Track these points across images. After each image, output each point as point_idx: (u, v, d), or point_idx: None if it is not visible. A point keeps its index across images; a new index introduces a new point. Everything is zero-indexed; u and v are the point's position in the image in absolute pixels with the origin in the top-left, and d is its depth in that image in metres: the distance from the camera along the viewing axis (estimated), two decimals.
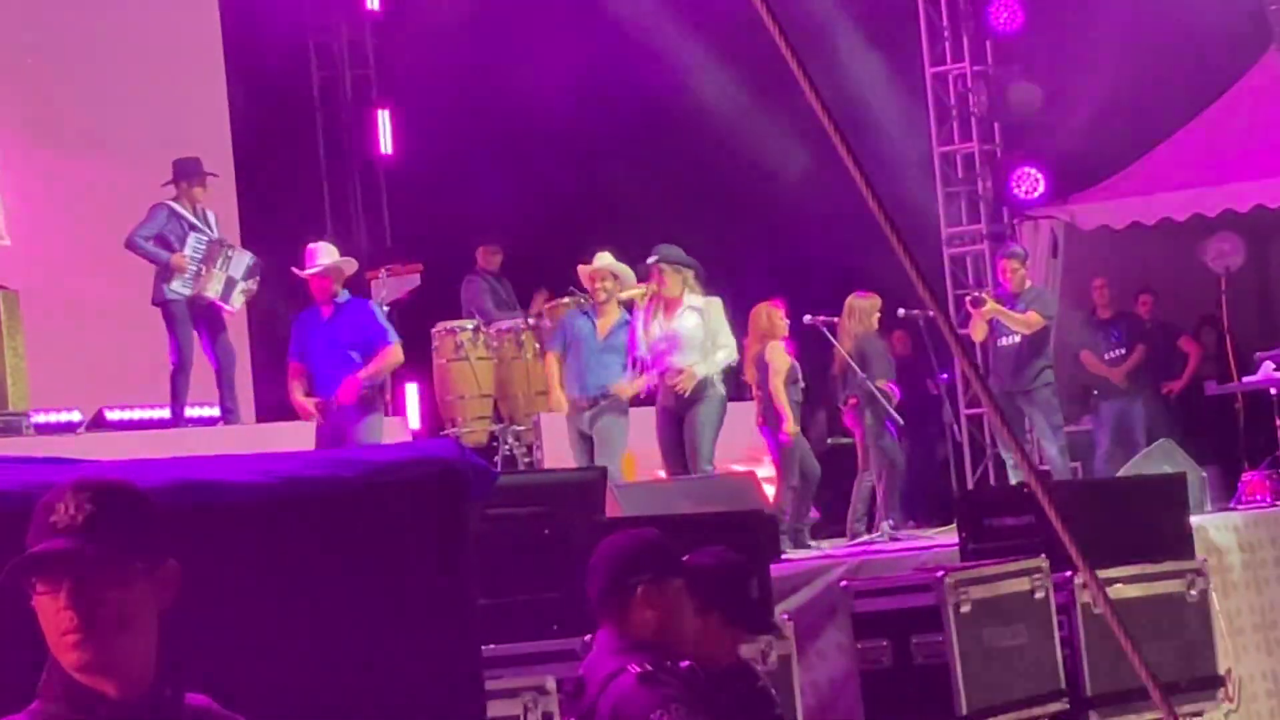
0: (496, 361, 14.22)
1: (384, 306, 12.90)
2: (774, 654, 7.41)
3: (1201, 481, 11.66)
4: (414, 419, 14.80)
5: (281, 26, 16.78)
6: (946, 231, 17.15)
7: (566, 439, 12.28)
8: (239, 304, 12.80)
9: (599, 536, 5.58)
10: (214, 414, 12.87)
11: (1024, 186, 16.60)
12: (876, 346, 13.25)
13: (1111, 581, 8.67)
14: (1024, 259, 14.25)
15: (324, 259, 11.94)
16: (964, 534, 9.43)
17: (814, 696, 8.84)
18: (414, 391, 14.93)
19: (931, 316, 12.96)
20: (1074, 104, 16.38)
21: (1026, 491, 9.34)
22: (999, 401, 12.87)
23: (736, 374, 12.51)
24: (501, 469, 12.59)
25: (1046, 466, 13.86)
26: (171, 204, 12.73)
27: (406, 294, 14.79)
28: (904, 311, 13.54)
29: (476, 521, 5.43)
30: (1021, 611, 8.56)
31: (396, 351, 11.86)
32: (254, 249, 13.24)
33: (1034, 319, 13.67)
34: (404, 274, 14.96)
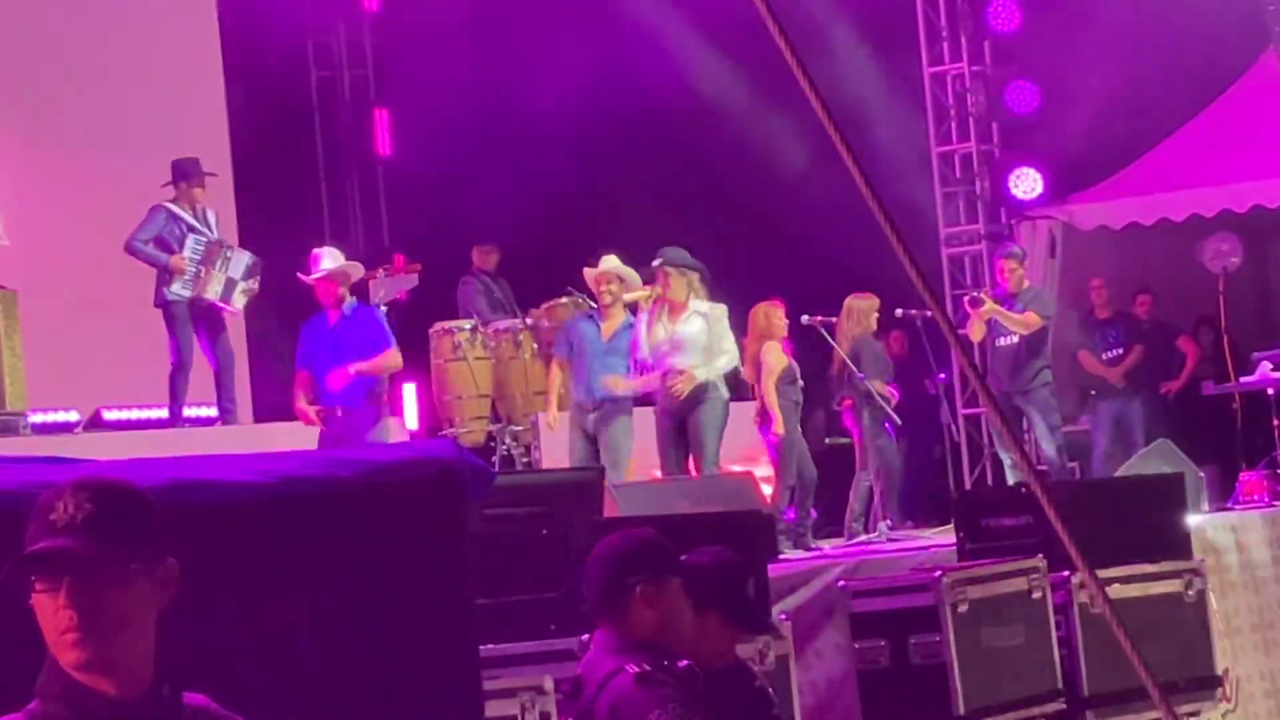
0: (494, 362, 14.21)
1: (382, 307, 12.90)
2: (772, 654, 7.41)
3: (1199, 481, 11.65)
4: (411, 419, 14.79)
5: (280, 26, 16.78)
6: (944, 231, 17.14)
7: (565, 439, 12.27)
8: (240, 304, 12.79)
9: (597, 536, 5.58)
10: (212, 414, 12.87)
11: (1022, 187, 16.59)
12: (872, 348, 13.24)
13: (1109, 581, 8.65)
14: (1022, 259, 14.25)
15: (328, 263, 11.95)
16: (961, 534, 9.42)
17: (812, 696, 8.84)
18: (411, 392, 14.92)
19: (929, 316, 12.96)
20: (1072, 104, 16.37)
21: (1024, 491, 9.35)
22: (998, 401, 12.88)
23: (736, 374, 12.50)
24: (499, 469, 12.59)
25: (1044, 466, 13.87)
26: (170, 205, 12.71)
27: (405, 294, 14.78)
28: (902, 311, 13.53)
29: (474, 521, 5.43)
30: (1019, 611, 8.56)
31: (395, 356, 11.89)
32: (252, 249, 13.21)
33: (1032, 319, 13.67)
34: (403, 274, 14.95)
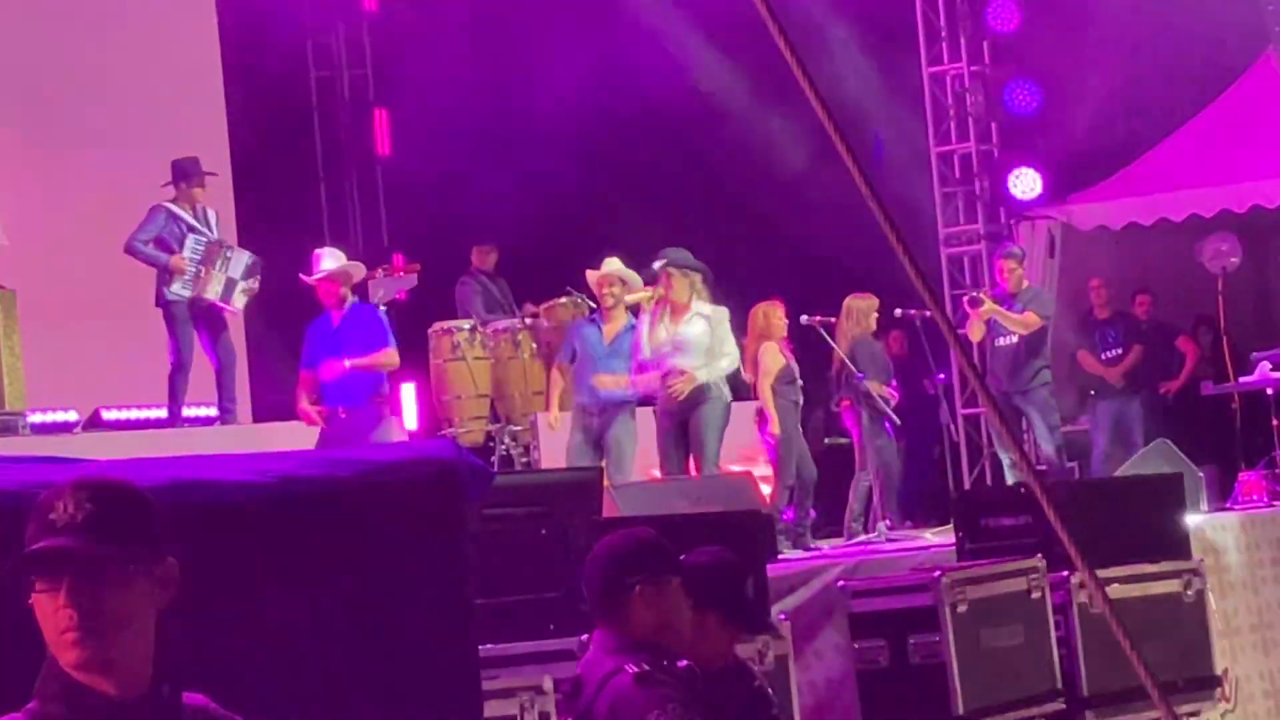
0: (493, 361, 14.20)
1: (381, 307, 12.91)
2: (771, 654, 7.40)
3: (1198, 481, 11.65)
4: (411, 419, 14.79)
5: (279, 26, 16.77)
6: (944, 232, 17.14)
7: (564, 439, 12.25)
8: (241, 304, 12.78)
9: (596, 536, 5.58)
10: (211, 414, 12.87)
11: (1021, 187, 16.59)
12: (870, 349, 13.19)
13: (1108, 581, 8.65)
14: (1021, 259, 14.24)
15: (329, 264, 11.97)
16: (961, 534, 9.42)
17: (811, 696, 8.84)
18: (410, 392, 14.92)
19: (929, 317, 12.95)
20: (1071, 104, 16.38)
21: (1023, 491, 9.34)
22: (997, 402, 12.87)
23: (737, 374, 12.47)
24: (498, 469, 12.60)
25: (1044, 466, 13.87)
26: (169, 205, 12.69)
27: (404, 294, 14.78)
28: (901, 311, 13.52)
29: (473, 521, 5.42)
30: (1018, 611, 8.56)
31: (392, 355, 11.92)
32: (251, 249, 13.20)
33: (1031, 319, 13.67)
34: (401, 275, 14.94)
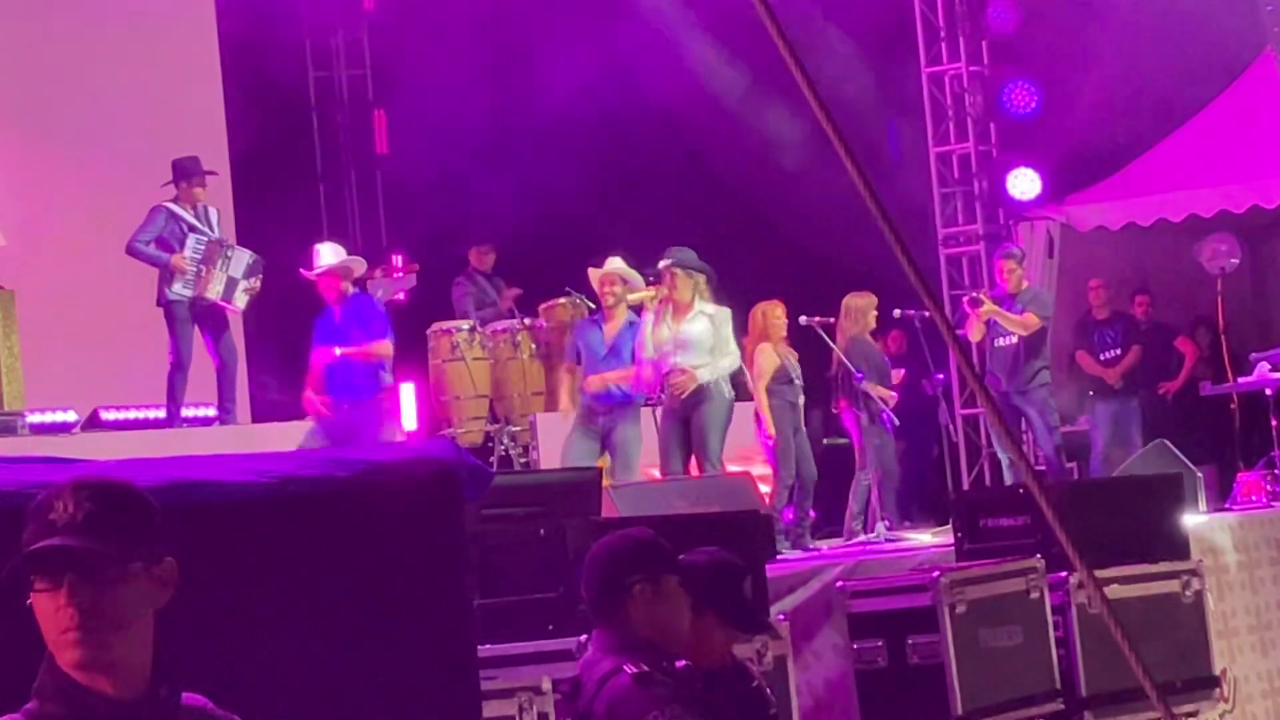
0: (492, 362, 14.19)
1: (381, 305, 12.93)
2: (770, 654, 7.40)
3: (1197, 482, 11.65)
4: (410, 420, 14.78)
5: (278, 27, 16.77)
6: (942, 232, 17.14)
7: (562, 439, 12.23)
8: (243, 303, 12.76)
9: (595, 537, 5.58)
10: (209, 414, 12.87)
11: (1020, 187, 16.59)
12: (865, 349, 13.12)
13: (1107, 582, 8.65)
14: (1021, 260, 14.23)
15: (330, 258, 11.99)
16: (959, 534, 9.43)
17: (810, 697, 8.84)
18: (410, 392, 14.91)
19: (928, 317, 12.94)
20: (1070, 104, 16.37)
21: (1022, 492, 9.35)
22: (995, 402, 12.86)
23: (739, 373, 12.46)
24: (497, 469, 12.59)
25: (1043, 467, 13.87)
26: (170, 205, 12.68)
27: (405, 295, 14.78)
28: (900, 312, 13.51)
29: (472, 521, 5.42)
30: (1017, 612, 8.56)
31: (385, 345, 11.96)
32: (250, 249, 13.21)
33: (1031, 320, 13.66)
34: (401, 275, 14.94)
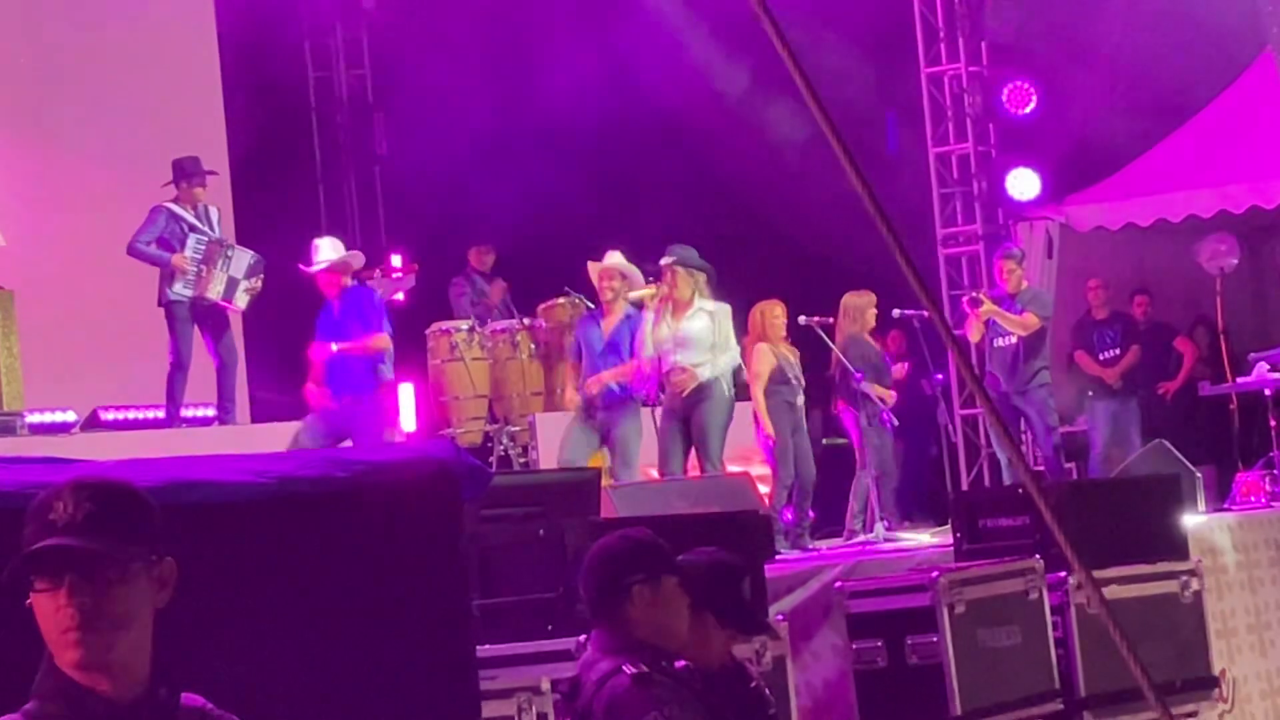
0: (491, 362, 14.19)
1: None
2: (769, 655, 7.40)
3: (1196, 482, 11.65)
4: (409, 420, 14.77)
5: (278, 27, 16.78)
6: (941, 232, 17.14)
7: (561, 438, 12.24)
8: (244, 303, 12.76)
9: (593, 537, 5.58)
10: (209, 414, 12.87)
11: (1019, 187, 16.58)
12: (861, 348, 13.07)
13: (1106, 582, 8.66)
14: (1021, 260, 14.21)
15: (329, 254, 12.00)
16: (958, 535, 9.43)
17: (809, 697, 8.84)
18: (409, 392, 14.90)
19: (927, 317, 12.93)
20: (1069, 105, 16.38)
21: (1021, 492, 9.35)
22: (994, 402, 12.85)
23: (740, 372, 12.45)
24: (496, 469, 12.59)
25: (1042, 467, 13.86)
26: (170, 206, 12.68)
27: (405, 295, 14.77)
28: (899, 312, 13.50)
29: (471, 522, 5.42)
30: (1016, 612, 8.56)
31: (382, 339, 11.94)
32: (250, 249, 13.21)
33: (1031, 320, 13.65)
34: (400, 275, 14.93)
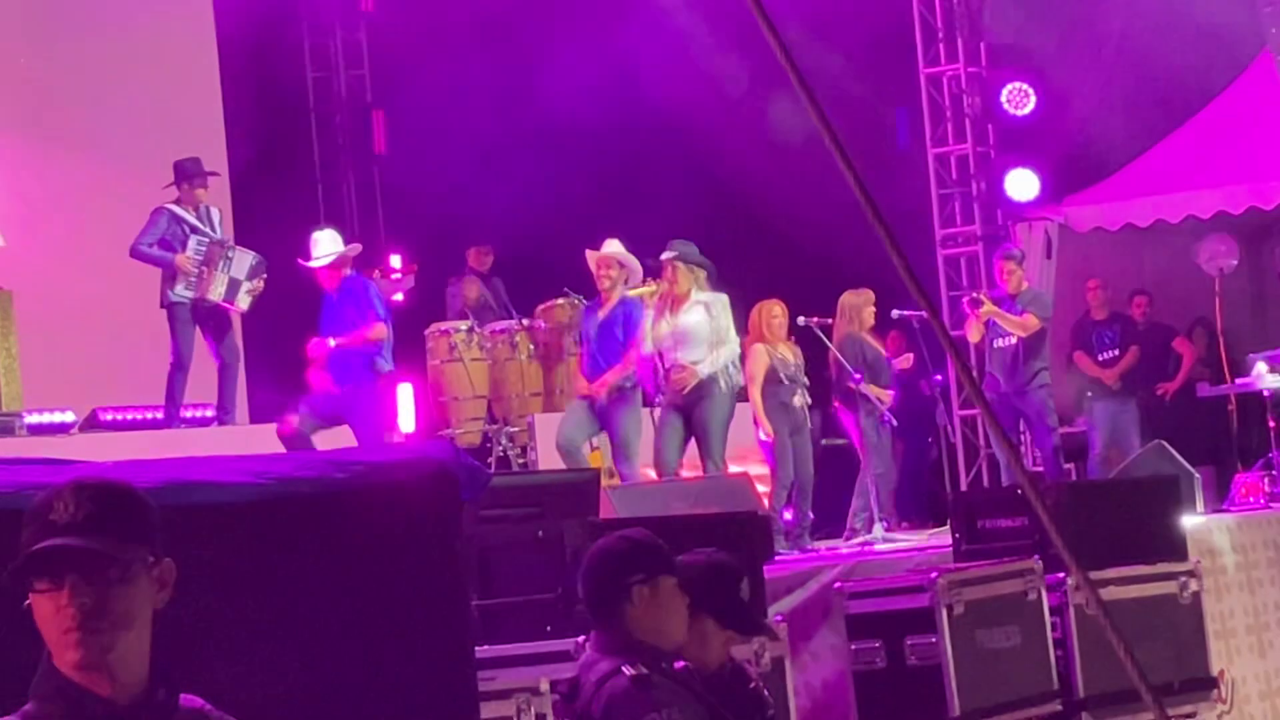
0: (490, 363, 14.19)
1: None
2: (767, 655, 7.40)
3: (1195, 483, 11.65)
4: (408, 421, 14.78)
5: (277, 27, 16.79)
6: (940, 233, 17.14)
7: (561, 418, 12.27)
8: (246, 304, 12.75)
9: (593, 538, 5.58)
10: (208, 415, 12.87)
11: (1018, 188, 16.59)
12: (860, 348, 13.05)
13: (1105, 583, 8.67)
14: (1021, 260, 14.21)
15: (328, 248, 12.01)
16: (957, 535, 9.43)
17: (808, 698, 8.84)
18: (408, 393, 14.91)
19: (926, 317, 12.92)
20: (1068, 106, 16.38)
21: (1020, 493, 9.35)
22: (993, 404, 12.86)
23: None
24: (495, 470, 12.59)
25: (1041, 468, 13.86)
26: (172, 207, 12.68)
27: (406, 295, 14.78)
28: (898, 312, 13.50)
29: (470, 522, 5.42)
30: (1015, 613, 8.56)
31: (379, 329, 11.94)
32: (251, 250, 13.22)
33: (1031, 321, 13.64)
34: (399, 276, 14.94)
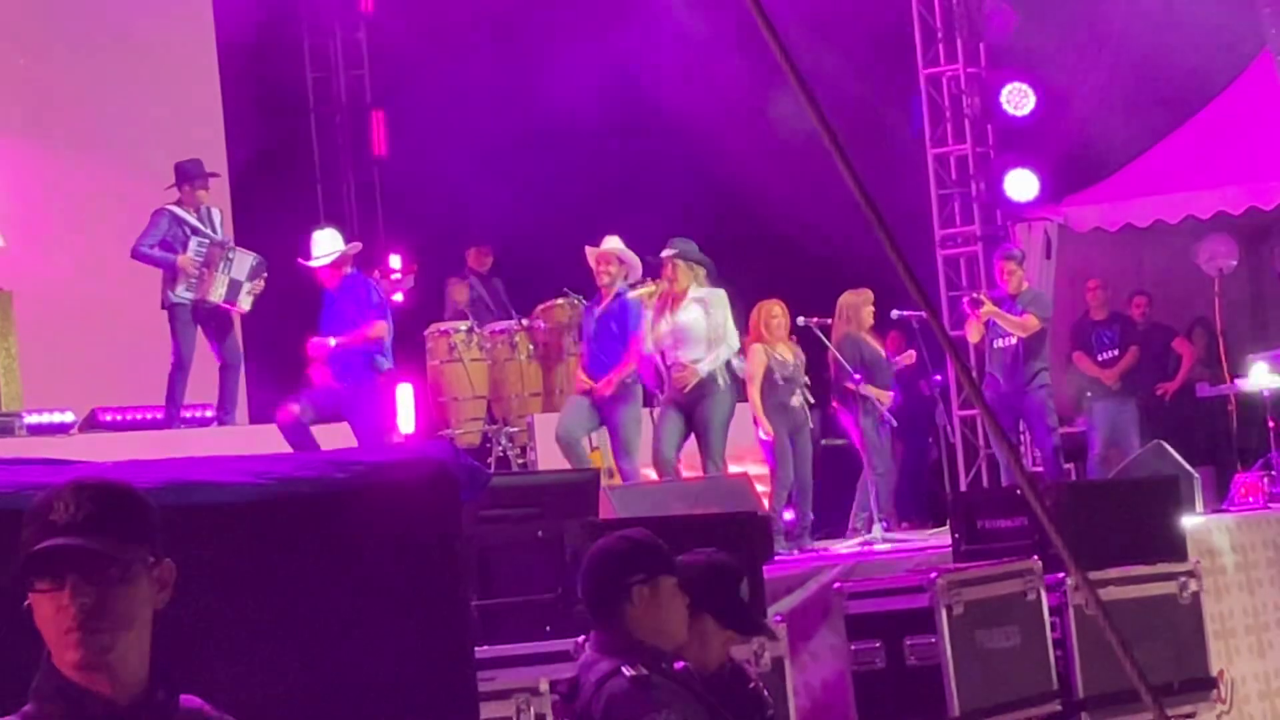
0: (490, 363, 14.20)
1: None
2: (767, 655, 7.41)
3: (1194, 483, 11.65)
4: (407, 421, 14.78)
5: (276, 28, 16.78)
6: (940, 233, 17.14)
7: (561, 410, 12.27)
8: (247, 305, 12.75)
9: (592, 538, 5.58)
10: (208, 415, 12.88)
11: (1017, 188, 16.59)
12: (858, 347, 13.03)
13: (1104, 583, 8.67)
14: (1021, 260, 14.20)
15: (328, 246, 12.01)
16: (957, 535, 9.43)
17: (807, 698, 8.84)
18: (407, 393, 14.91)
19: (925, 318, 12.91)
20: (1068, 106, 16.39)
21: (1019, 493, 9.35)
22: (992, 404, 12.85)
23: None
24: (495, 470, 12.59)
25: (1040, 468, 13.86)
26: (173, 208, 12.68)
27: (406, 295, 14.77)
28: (898, 313, 13.49)
29: (470, 523, 5.43)
30: (1014, 613, 8.56)
31: (379, 327, 11.94)
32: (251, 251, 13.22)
33: (1031, 322, 13.63)
34: (398, 276, 14.94)
